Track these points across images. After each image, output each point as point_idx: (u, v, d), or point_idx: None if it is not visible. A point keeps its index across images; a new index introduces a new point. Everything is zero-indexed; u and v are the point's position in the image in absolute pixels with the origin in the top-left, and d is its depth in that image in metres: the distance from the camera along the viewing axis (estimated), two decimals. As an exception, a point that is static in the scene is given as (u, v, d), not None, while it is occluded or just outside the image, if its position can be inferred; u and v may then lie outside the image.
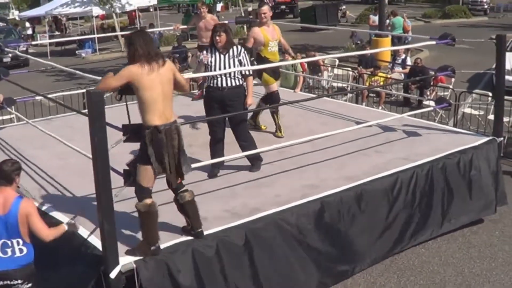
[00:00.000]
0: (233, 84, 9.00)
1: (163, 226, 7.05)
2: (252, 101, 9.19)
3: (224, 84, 8.97)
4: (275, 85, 10.92)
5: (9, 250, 6.30)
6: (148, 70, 6.37)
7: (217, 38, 8.94)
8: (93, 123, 5.91)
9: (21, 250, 6.34)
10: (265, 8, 10.72)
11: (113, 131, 6.84)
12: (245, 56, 9.08)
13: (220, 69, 8.95)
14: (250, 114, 10.42)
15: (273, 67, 10.66)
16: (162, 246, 6.76)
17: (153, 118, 6.42)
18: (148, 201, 6.63)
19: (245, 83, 9.16)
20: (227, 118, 9.09)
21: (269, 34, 10.72)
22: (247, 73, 9.08)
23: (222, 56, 8.98)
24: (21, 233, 6.28)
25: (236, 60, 8.98)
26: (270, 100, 10.85)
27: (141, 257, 6.60)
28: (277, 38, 10.90)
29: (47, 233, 6.41)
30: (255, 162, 9.19)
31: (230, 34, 9.03)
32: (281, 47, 11.31)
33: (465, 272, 8.31)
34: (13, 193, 6.35)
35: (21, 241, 6.32)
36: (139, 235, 6.80)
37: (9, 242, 6.29)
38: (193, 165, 8.12)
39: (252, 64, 9.71)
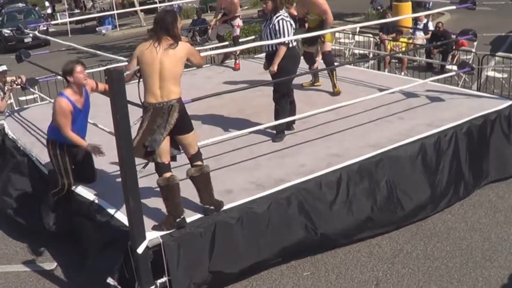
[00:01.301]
0: (269, 49, 9.30)
1: (189, 200, 7.11)
2: (274, 69, 9.14)
3: (266, 49, 9.47)
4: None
5: None
6: (153, 47, 6.49)
7: (264, 5, 9.17)
8: (114, 101, 5.93)
9: None
10: None
11: (135, 107, 6.87)
12: (279, 24, 9.01)
13: (263, 35, 9.35)
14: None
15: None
16: (188, 220, 6.80)
17: (148, 95, 6.54)
18: (166, 174, 6.70)
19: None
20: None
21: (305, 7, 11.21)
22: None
23: (266, 22, 9.24)
24: None
25: (271, 27, 9.07)
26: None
27: (167, 231, 6.66)
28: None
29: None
30: (278, 132, 9.21)
31: (277, 1, 9.04)
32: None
33: (491, 237, 8.25)
34: None
35: None
36: (165, 210, 6.85)
37: None
38: (216, 138, 8.19)
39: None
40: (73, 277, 7.99)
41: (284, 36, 9.00)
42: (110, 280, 6.63)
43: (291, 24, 9.11)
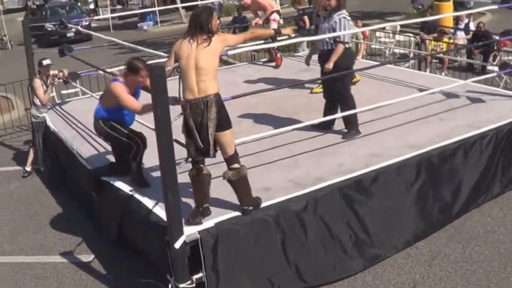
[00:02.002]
0: (326, 48, 9.16)
1: (227, 198, 7.15)
2: (329, 67, 9.07)
3: (321, 47, 9.28)
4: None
5: None
6: (189, 43, 6.58)
7: (327, 1, 9.09)
8: (155, 96, 5.98)
9: None
10: None
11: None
12: (340, 22, 8.96)
13: (320, 32, 9.25)
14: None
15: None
16: (225, 217, 6.84)
17: (186, 92, 6.57)
18: (197, 166, 6.76)
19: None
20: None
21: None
22: (337, 39, 9.00)
23: (325, 19, 9.19)
24: None
25: (331, 25, 9.00)
26: None
27: (193, 222, 6.70)
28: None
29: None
30: (349, 129, 9.21)
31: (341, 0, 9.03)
32: None
33: (531, 241, 8.17)
34: None
35: None
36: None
37: None
38: (255, 135, 8.20)
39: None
40: (110, 269, 8.08)
41: (343, 35, 8.95)
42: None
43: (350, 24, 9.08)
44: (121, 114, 7.87)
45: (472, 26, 19.13)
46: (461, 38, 18.48)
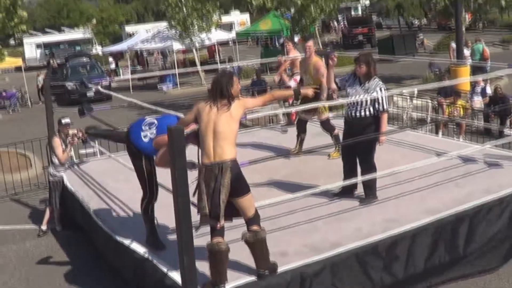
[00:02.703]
0: (360, 115, 9.12)
1: (243, 261, 7.10)
2: (383, 139, 9.21)
3: (353, 114, 9.17)
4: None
5: None
6: (209, 107, 6.67)
7: (358, 68, 9.11)
8: (174, 159, 6.00)
9: None
10: (310, 43, 11.71)
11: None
12: (381, 91, 9.00)
13: (349, 96, 9.19)
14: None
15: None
16: (241, 282, 6.80)
17: (203, 156, 6.63)
18: (215, 239, 6.73)
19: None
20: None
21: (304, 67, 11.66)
22: (380, 108, 9.05)
23: (358, 87, 9.15)
24: None
25: (371, 93, 8.99)
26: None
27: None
28: (310, 72, 11.52)
29: None
30: (368, 194, 9.19)
31: (372, 66, 9.06)
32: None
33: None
34: None
35: None
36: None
37: None
38: (273, 199, 8.17)
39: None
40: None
41: (386, 104, 9.02)
42: None
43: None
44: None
45: (489, 90, 19.17)
46: (478, 102, 18.50)
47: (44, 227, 11.93)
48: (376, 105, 9.02)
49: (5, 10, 18.78)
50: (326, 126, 11.66)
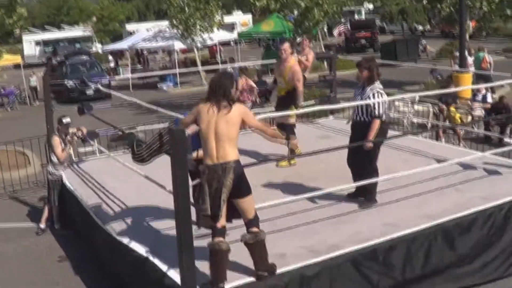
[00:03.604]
0: (360, 120, 9.14)
1: (242, 262, 7.12)
2: (370, 145, 9.06)
3: (355, 118, 9.26)
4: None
5: None
6: (210, 109, 6.64)
7: (359, 72, 9.17)
8: (175, 161, 6.00)
9: None
10: (284, 46, 11.32)
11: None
12: (374, 96, 8.93)
13: (352, 101, 9.29)
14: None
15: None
16: (240, 282, 6.81)
17: (205, 157, 6.64)
18: (216, 239, 6.73)
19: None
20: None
21: (278, 70, 11.43)
22: (372, 114, 8.99)
23: (358, 91, 9.20)
24: None
25: (365, 98, 8.98)
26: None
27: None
28: (285, 76, 11.27)
29: None
30: (368, 198, 9.20)
31: (374, 71, 9.03)
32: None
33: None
34: None
35: None
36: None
37: None
38: (272, 202, 8.17)
39: None
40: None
41: (378, 110, 8.95)
42: None
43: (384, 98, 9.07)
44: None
45: (489, 98, 19.14)
46: (478, 106, 18.46)
47: (42, 225, 11.93)
48: (370, 111, 9.02)
49: (4, 8, 18.67)
50: (288, 131, 11.00)
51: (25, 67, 37.82)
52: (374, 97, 8.94)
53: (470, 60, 25.64)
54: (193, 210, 6.59)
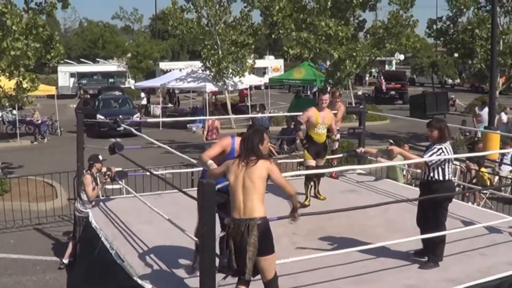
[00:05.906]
0: (424, 178, 9.22)
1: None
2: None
3: (421, 176, 9.38)
4: (310, 161, 12.41)
5: None
6: (239, 163, 6.78)
7: (429, 132, 9.20)
8: (203, 213, 6.07)
9: None
10: (326, 97, 12.51)
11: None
12: (433, 151, 8.97)
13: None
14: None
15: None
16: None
17: (233, 210, 6.71)
18: (239, 287, 6.78)
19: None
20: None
21: (321, 117, 12.29)
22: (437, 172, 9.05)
23: (427, 150, 9.13)
24: None
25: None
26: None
27: None
28: (327, 123, 12.28)
29: None
30: (430, 259, 9.13)
31: (444, 132, 9.09)
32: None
33: None
34: None
35: None
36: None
37: None
38: (295, 258, 8.16)
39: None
40: None
41: (429, 156, 8.96)
42: None
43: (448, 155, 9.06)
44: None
45: (516, 158, 19.00)
46: (506, 172, 18.31)
47: (66, 260, 12.01)
48: (436, 170, 9.04)
49: (43, 43, 18.97)
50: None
51: (58, 98, 38.24)
52: (440, 151, 8.95)
53: (504, 118, 25.56)
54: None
